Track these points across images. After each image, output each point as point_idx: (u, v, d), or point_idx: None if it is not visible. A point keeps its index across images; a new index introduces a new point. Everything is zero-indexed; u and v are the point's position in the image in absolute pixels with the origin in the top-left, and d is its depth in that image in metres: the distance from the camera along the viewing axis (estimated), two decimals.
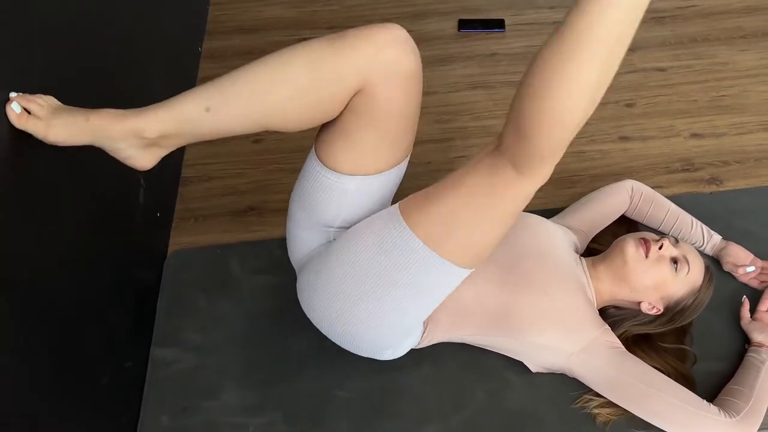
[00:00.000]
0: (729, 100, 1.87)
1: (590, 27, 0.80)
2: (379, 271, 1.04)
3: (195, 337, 1.34)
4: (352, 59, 0.95)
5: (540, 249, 1.24)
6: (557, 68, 0.82)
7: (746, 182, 1.65)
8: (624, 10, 0.80)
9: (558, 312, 1.18)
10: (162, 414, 1.23)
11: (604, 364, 1.17)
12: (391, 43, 0.96)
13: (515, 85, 1.89)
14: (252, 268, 1.45)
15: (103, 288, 1.20)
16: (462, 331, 1.23)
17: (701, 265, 1.24)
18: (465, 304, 1.19)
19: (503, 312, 1.18)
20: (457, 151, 1.75)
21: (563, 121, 0.85)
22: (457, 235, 1.00)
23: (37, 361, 0.95)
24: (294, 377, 1.27)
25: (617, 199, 1.46)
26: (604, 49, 0.81)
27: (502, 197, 0.96)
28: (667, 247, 1.22)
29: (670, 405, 1.13)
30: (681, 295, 1.22)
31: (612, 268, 1.25)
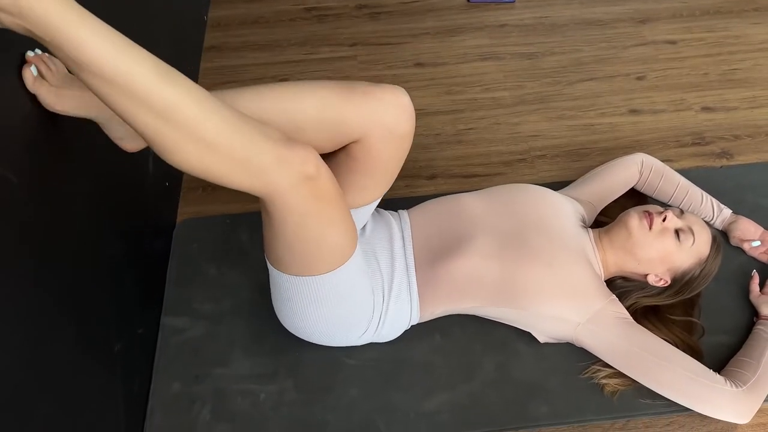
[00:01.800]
0: (741, 74, 1.85)
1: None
2: (295, 308, 1.14)
3: (205, 306, 1.34)
4: (357, 112, 1.03)
5: (543, 220, 1.24)
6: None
7: (757, 156, 1.64)
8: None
9: (562, 282, 1.18)
10: (174, 381, 1.24)
11: (612, 334, 1.18)
12: (395, 106, 1.05)
13: (526, 56, 1.92)
14: (261, 239, 1.45)
15: (114, 256, 1.20)
16: (463, 304, 1.23)
17: (707, 236, 1.24)
18: (460, 278, 1.20)
19: (505, 284, 1.19)
20: (467, 122, 1.74)
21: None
22: (317, 250, 1.05)
23: (51, 326, 0.96)
24: (304, 346, 1.27)
25: (627, 172, 1.46)
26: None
27: (304, 199, 0.96)
28: (670, 219, 1.21)
29: (678, 375, 1.14)
30: (687, 266, 1.22)
31: (617, 241, 1.25)
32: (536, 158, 1.66)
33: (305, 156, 0.91)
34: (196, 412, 1.20)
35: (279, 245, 1.05)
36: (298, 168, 0.91)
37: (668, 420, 1.21)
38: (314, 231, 1.01)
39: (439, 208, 1.30)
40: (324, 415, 1.19)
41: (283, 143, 0.90)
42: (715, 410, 1.13)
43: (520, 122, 1.74)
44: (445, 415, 1.19)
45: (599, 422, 1.20)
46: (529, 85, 1.84)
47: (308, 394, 1.22)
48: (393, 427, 1.18)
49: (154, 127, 0.84)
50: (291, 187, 0.92)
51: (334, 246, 1.06)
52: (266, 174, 0.90)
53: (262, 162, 0.89)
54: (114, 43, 0.79)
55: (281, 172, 0.90)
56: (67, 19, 0.76)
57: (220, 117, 0.86)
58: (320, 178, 0.94)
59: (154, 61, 0.82)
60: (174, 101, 0.82)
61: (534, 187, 1.32)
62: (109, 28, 0.80)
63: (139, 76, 0.80)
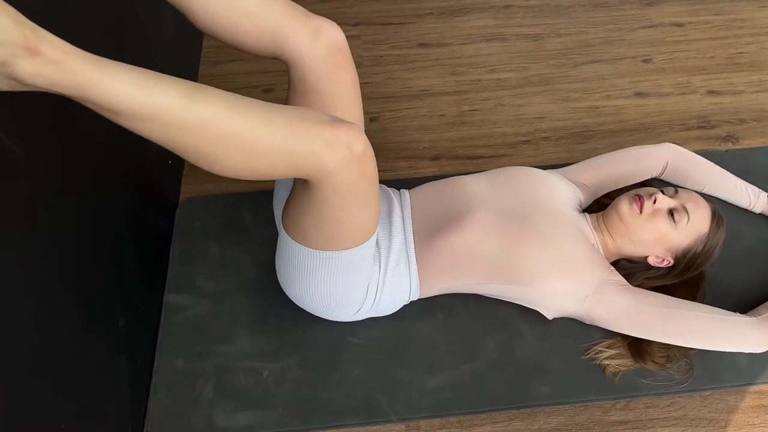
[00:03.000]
0: (747, 58, 1.84)
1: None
2: (305, 280, 1.13)
3: (208, 284, 1.34)
4: (295, 30, 1.06)
5: (542, 200, 1.24)
6: None
7: (763, 140, 1.63)
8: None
9: (562, 258, 1.18)
10: (177, 358, 1.24)
11: (622, 298, 1.18)
12: (326, 37, 1.08)
13: (531, 38, 1.90)
14: (264, 218, 1.45)
15: (117, 233, 1.20)
16: (462, 280, 1.23)
17: (706, 212, 1.23)
18: (458, 253, 1.20)
19: (504, 260, 1.19)
20: (471, 104, 1.73)
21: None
22: (348, 228, 1.04)
23: (54, 301, 0.96)
24: (307, 324, 1.28)
25: (647, 163, 1.42)
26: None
27: (340, 177, 0.95)
28: (661, 200, 1.21)
29: (693, 319, 1.15)
30: (687, 245, 1.22)
31: (611, 226, 1.25)
32: (541, 140, 1.65)
33: (353, 134, 0.91)
34: (200, 389, 1.20)
35: (308, 220, 1.04)
36: (347, 148, 0.91)
37: (669, 400, 1.21)
38: (352, 210, 1.01)
39: (440, 186, 1.30)
40: (327, 393, 1.20)
41: (329, 124, 0.90)
42: (735, 342, 1.15)
43: (524, 104, 1.73)
44: (447, 394, 1.20)
45: (601, 402, 1.21)
46: (534, 67, 1.83)
47: (311, 371, 1.23)
48: (395, 405, 1.19)
49: (195, 147, 0.86)
50: (341, 168, 0.92)
51: (365, 224, 1.06)
52: (315, 158, 0.90)
53: (310, 148, 0.89)
54: (136, 83, 0.80)
55: (331, 154, 0.90)
56: (89, 76, 0.78)
57: (256, 119, 0.86)
58: (367, 156, 0.94)
59: (176, 84, 0.83)
60: (207, 118, 0.83)
61: (533, 170, 1.32)
62: (127, 67, 0.81)
63: (168, 107, 0.82)
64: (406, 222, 1.23)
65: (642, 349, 1.21)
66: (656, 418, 1.19)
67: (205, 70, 1.81)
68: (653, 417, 1.20)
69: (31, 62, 0.76)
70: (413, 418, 1.19)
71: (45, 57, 0.76)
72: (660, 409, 1.20)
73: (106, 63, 0.80)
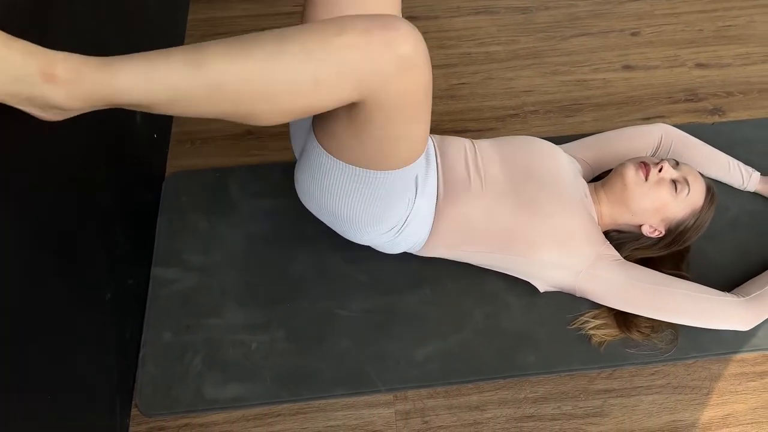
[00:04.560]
0: (735, 30, 1.84)
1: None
2: (341, 196, 1.05)
3: (195, 257, 1.34)
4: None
5: (547, 171, 1.24)
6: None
7: (749, 113, 1.64)
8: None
9: (565, 229, 1.19)
10: (164, 330, 1.24)
11: (614, 273, 1.19)
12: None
13: (520, 10, 1.89)
14: (251, 192, 1.45)
15: (104, 207, 1.19)
16: (468, 247, 1.23)
17: (702, 186, 1.24)
18: (475, 219, 1.19)
19: (511, 230, 1.19)
20: (460, 77, 1.72)
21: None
22: (396, 147, 0.96)
23: (40, 274, 0.95)
24: (295, 297, 1.28)
25: (641, 142, 1.43)
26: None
27: (392, 82, 0.82)
28: (666, 170, 1.21)
29: (683, 297, 1.17)
30: (682, 217, 1.23)
31: (613, 192, 1.25)
32: (529, 113, 1.65)
33: (393, 33, 0.77)
34: (188, 362, 1.21)
35: (351, 139, 0.93)
36: (389, 51, 0.77)
37: (653, 369, 1.23)
38: (401, 127, 0.90)
39: (459, 144, 1.26)
40: (315, 364, 1.21)
41: (357, 30, 0.76)
42: (722, 321, 1.18)
43: (513, 77, 1.73)
44: (436, 364, 1.21)
45: (585, 371, 1.22)
46: (523, 40, 1.82)
47: (300, 343, 1.23)
48: (384, 375, 1.20)
49: (224, 111, 0.81)
50: (385, 78, 0.79)
51: (415, 142, 0.96)
52: (350, 76, 0.78)
53: (340, 67, 0.77)
54: (144, 71, 0.77)
55: (371, 66, 0.77)
56: (102, 81, 0.77)
57: (262, 59, 0.77)
58: (418, 56, 0.80)
59: (182, 54, 0.78)
60: (216, 79, 0.77)
61: (538, 140, 1.32)
62: (132, 58, 0.79)
63: (180, 83, 0.77)
64: (437, 164, 1.20)
65: (628, 320, 1.22)
66: (640, 386, 1.21)
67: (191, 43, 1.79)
68: (637, 385, 1.21)
69: (53, 87, 0.77)
70: (401, 388, 1.20)
71: (61, 78, 0.76)
72: (644, 378, 1.22)
73: (115, 61, 0.79)
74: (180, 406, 1.17)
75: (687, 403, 1.19)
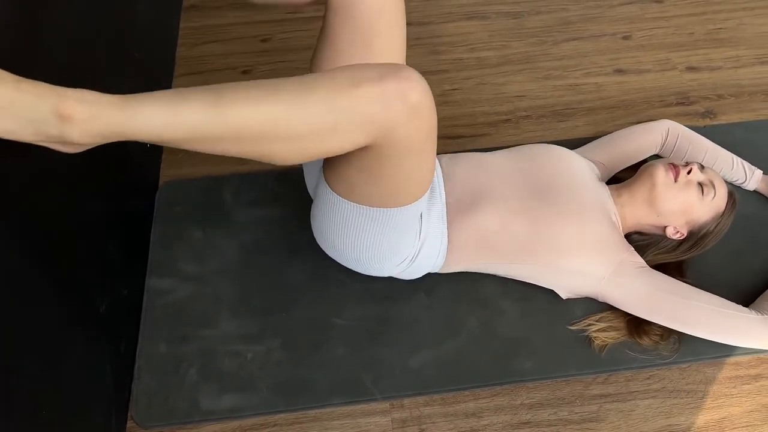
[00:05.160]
0: (725, 33, 1.85)
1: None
2: (352, 235, 1.09)
3: (190, 267, 1.34)
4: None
5: (567, 178, 1.24)
6: None
7: (740, 116, 1.65)
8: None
9: (588, 236, 1.19)
10: (160, 342, 1.24)
11: (638, 282, 1.19)
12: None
13: (511, 15, 1.89)
14: (245, 201, 1.45)
15: (97, 217, 1.18)
16: (489, 258, 1.23)
17: (725, 191, 1.25)
18: (492, 232, 1.20)
19: (533, 240, 1.19)
20: (452, 83, 1.73)
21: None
22: (405, 184, 1.00)
23: (34, 287, 0.95)
24: (290, 306, 1.28)
25: (648, 139, 1.45)
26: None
27: (396, 126, 0.87)
28: (695, 172, 1.23)
29: (706, 311, 1.16)
30: (705, 220, 1.24)
31: (640, 193, 1.25)
32: (521, 119, 1.65)
33: (404, 83, 0.83)
34: (184, 373, 1.20)
35: (362, 179, 0.98)
36: (401, 100, 0.83)
37: (648, 373, 1.23)
38: (411, 165, 0.95)
39: (469, 161, 1.27)
40: (311, 373, 1.21)
41: (375, 81, 0.82)
42: (743, 338, 1.16)
43: (505, 82, 1.73)
44: (431, 372, 1.21)
45: (581, 377, 1.23)
46: (514, 45, 1.82)
47: (295, 353, 1.23)
48: (380, 383, 1.20)
49: (242, 151, 0.85)
50: (398, 124, 0.85)
51: (423, 178, 1.01)
52: (367, 124, 0.84)
53: (359, 116, 0.83)
54: (163, 111, 0.81)
55: (383, 112, 0.83)
56: (120, 120, 0.80)
57: (286, 105, 0.82)
58: (424, 103, 0.86)
59: (202, 95, 0.82)
60: (238, 123, 0.81)
61: (554, 147, 1.32)
62: (152, 97, 0.81)
63: (199, 124, 0.81)
64: (441, 191, 1.21)
65: (641, 326, 1.22)
66: (636, 391, 1.22)
67: (183, 52, 1.79)
68: (633, 390, 1.22)
69: (69, 126, 0.79)
70: (397, 396, 1.20)
71: (78, 117, 0.79)
72: (640, 382, 1.23)
73: (132, 101, 0.81)
74: (176, 418, 1.16)
75: (682, 407, 1.20)
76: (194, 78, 1.72)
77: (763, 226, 1.41)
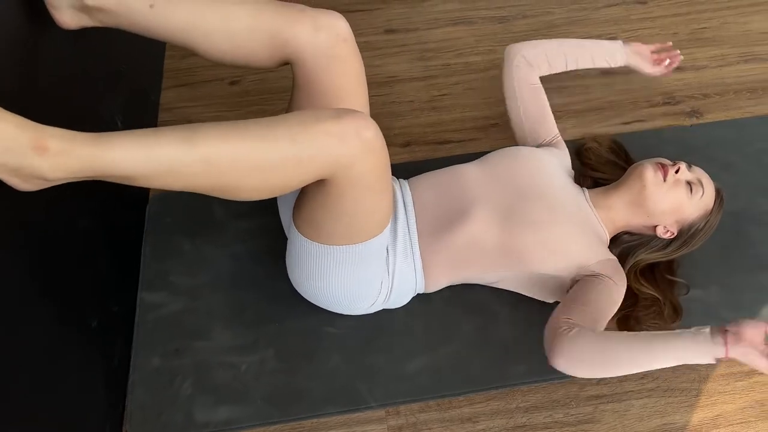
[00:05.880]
0: (709, 32, 1.86)
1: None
2: (325, 277, 1.13)
3: (182, 280, 1.33)
4: (291, 27, 1.08)
5: (536, 184, 1.24)
6: None
7: (726, 114, 1.66)
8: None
9: (557, 241, 1.18)
10: (153, 356, 1.23)
11: (589, 286, 1.17)
12: (328, 27, 1.09)
13: (497, 20, 1.90)
14: (236, 212, 1.44)
15: (87, 232, 1.18)
16: (467, 272, 1.24)
17: (713, 189, 1.26)
18: (463, 246, 1.20)
19: (506, 249, 1.19)
20: (440, 88, 1.73)
21: None
22: (367, 220, 1.06)
23: (24, 304, 0.95)
24: (283, 316, 1.28)
25: (527, 76, 1.42)
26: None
27: (350, 169, 0.95)
28: (683, 171, 1.24)
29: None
30: (694, 218, 1.25)
31: (629, 194, 1.25)
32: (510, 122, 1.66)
33: (359, 122, 0.92)
34: (178, 386, 1.20)
35: (325, 217, 1.04)
36: (356, 137, 0.92)
37: (642, 373, 1.23)
38: (370, 200, 1.02)
39: (440, 178, 1.28)
40: (306, 383, 1.20)
41: (332, 119, 0.91)
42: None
43: (493, 86, 1.74)
44: (425, 378, 1.21)
45: (576, 378, 1.23)
46: (500, 50, 1.79)
47: (290, 362, 1.23)
48: (375, 391, 1.20)
49: (213, 186, 0.92)
50: (355, 158, 0.93)
51: (382, 213, 1.07)
52: (326, 157, 0.92)
53: (319, 149, 0.91)
54: (135, 148, 0.86)
55: (342, 147, 0.91)
56: (94, 155, 0.84)
57: (253, 140, 0.89)
58: (378, 141, 0.95)
59: (173, 133, 0.87)
60: (209, 157, 0.87)
61: (525, 152, 1.32)
62: (124, 134, 0.86)
63: (171, 159, 0.86)
64: (410, 215, 1.22)
65: (631, 327, 1.21)
66: (630, 391, 1.22)
67: (171, 64, 1.79)
68: (627, 390, 1.22)
69: (42, 159, 0.82)
70: (393, 403, 1.20)
71: (52, 150, 0.82)
72: (634, 382, 1.23)
73: (106, 137, 0.85)
74: (171, 431, 1.16)
75: (677, 406, 1.20)
76: (183, 90, 1.72)
77: (751, 223, 1.42)
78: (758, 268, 1.36)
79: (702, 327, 0.98)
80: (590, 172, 1.45)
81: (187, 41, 1.09)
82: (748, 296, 1.32)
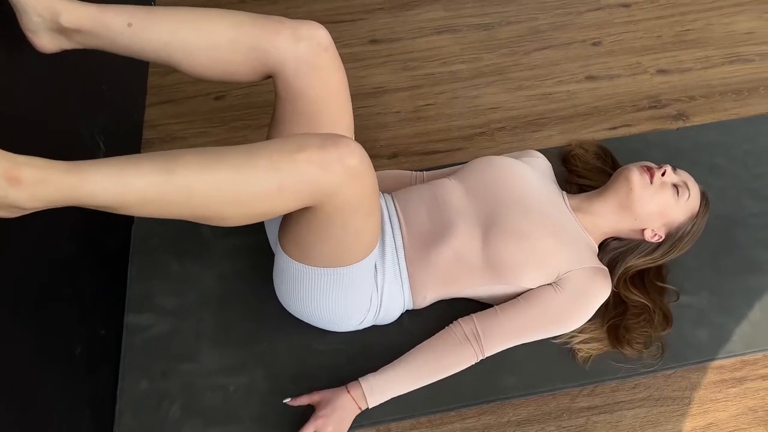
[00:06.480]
0: (693, 34, 1.87)
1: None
2: (309, 297, 1.13)
3: (168, 301, 1.32)
4: (271, 39, 1.07)
5: (515, 195, 1.23)
6: None
7: (712, 116, 1.66)
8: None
9: (540, 252, 1.17)
10: (141, 379, 1.22)
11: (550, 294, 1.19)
12: (308, 38, 1.08)
13: (481, 27, 1.90)
14: (222, 231, 1.43)
15: (70, 256, 1.17)
16: (455, 287, 1.23)
17: (698, 192, 1.26)
18: (447, 262, 1.19)
19: (489, 262, 1.18)
20: (426, 98, 1.73)
21: None
22: (355, 242, 1.04)
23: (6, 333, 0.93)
24: (272, 336, 1.27)
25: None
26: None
27: (338, 193, 0.94)
28: (669, 174, 1.23)
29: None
30: (681, 221, 1.24)
31: (615, 198, 1.25)
32: (496, 131, 1.66)
33: (343, 149, 0.91)
34: (166, 410, 1.19)
35: (311, 241, 1.03)
36: (341, 165, 0.90)
37: (634, 382, 1.23)
38: (356, 225, 1.01)
39: (422, 192, 1.28)
40: None
41: (316, 147, 0.90)
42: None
43: (478, 95, 1.74)
44: (416, 394, 1.20)
45: (567, 390, 1.22)
46: (486, 57, 1.83)
47: (279, 383, 1.22)
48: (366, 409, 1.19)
49: (193, 214, 0.90)
50: (340, 186, 0.92)
51: (370, 236, 1.06)
52: (311, 186, 0.91)
53: (302, 178, 0.90)
54: (114, 177, 0.84)
55: (326, 176, 0.90)
56: (71, 184, 0.82)
57: (232, 169, 0.87)
58: (363, 167, 0.93)
59: (152, 161, 0.86)
60: (188, 185, 0.86)
61: (504, 163, 1.30)
62: (102, 163, 0.84)
63: (150, 188, 0.85)
64: (395, 231, 1.22)
65: (620, 335, 1.21)
66: (622, 401, 1.21)
67: (154, 80, 1.78)
68: (619, 400, 1.22)
69: (17, 190, 0.81)
70: (384, 421, 1.19)
71: (27, 181, 0.80)
72: (626, 392, 1.22)
73: (83, 166, 0.84)
74: None
75: (669, 415, 1.20)
76: (167, 107, 1.71)
77: (739, 226, 1.42)
78: (747, 271, 1.36)
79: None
80: (576, 179, 1.45)
81: (168, 59, 1.08)
82: (738, 300, 1.31)
